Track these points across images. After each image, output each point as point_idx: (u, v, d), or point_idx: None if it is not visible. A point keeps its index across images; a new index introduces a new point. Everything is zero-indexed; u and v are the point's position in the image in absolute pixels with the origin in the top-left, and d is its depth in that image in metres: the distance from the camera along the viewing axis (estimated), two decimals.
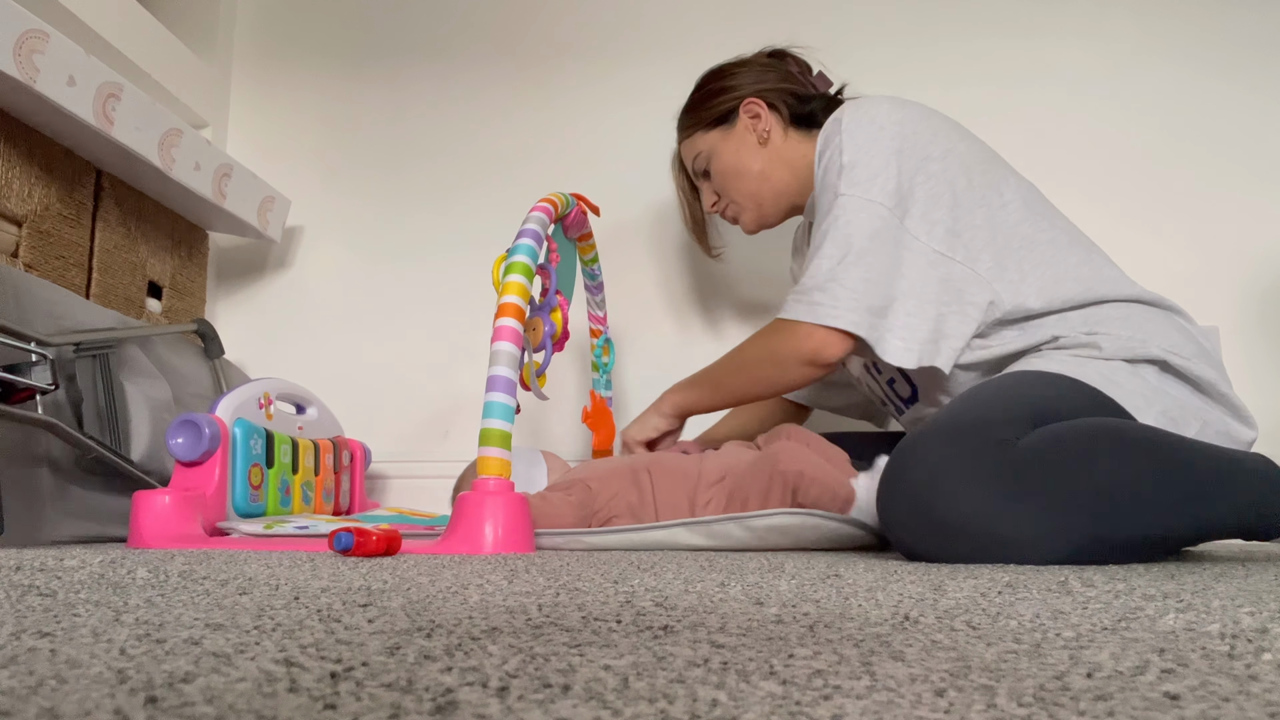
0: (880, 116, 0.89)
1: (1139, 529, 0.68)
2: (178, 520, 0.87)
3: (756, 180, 1.04)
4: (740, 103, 1.04)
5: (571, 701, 0.21)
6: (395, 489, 1.49)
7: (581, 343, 1.39)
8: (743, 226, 1.10)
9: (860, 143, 0.88)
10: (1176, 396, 0.81)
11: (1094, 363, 0.81)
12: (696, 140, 1.08)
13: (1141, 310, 0.86)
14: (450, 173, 1.57)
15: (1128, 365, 0.81)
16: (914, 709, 0.21)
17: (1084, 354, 0.82)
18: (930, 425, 0.75)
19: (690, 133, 1.08)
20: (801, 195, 1.05)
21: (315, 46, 1.65)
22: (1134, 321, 0.84)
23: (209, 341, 1.26)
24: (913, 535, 0.71)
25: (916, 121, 0.90)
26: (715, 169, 1.06)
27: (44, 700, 0.21)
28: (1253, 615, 0.36)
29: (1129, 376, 0.80)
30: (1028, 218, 0.89)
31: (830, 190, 0.88)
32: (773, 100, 1.04)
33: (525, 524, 0.79)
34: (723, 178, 1.06)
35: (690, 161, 1.10)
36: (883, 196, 0.86)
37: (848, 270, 0.85)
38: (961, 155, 0.89)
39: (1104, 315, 0.85)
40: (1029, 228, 0.89)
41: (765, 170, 1.04)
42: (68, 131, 1.06)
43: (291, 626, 0.32)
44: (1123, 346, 0.81)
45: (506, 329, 0.83)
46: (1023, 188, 0.92)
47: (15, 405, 0.84)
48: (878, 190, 0.86)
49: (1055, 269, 0.87)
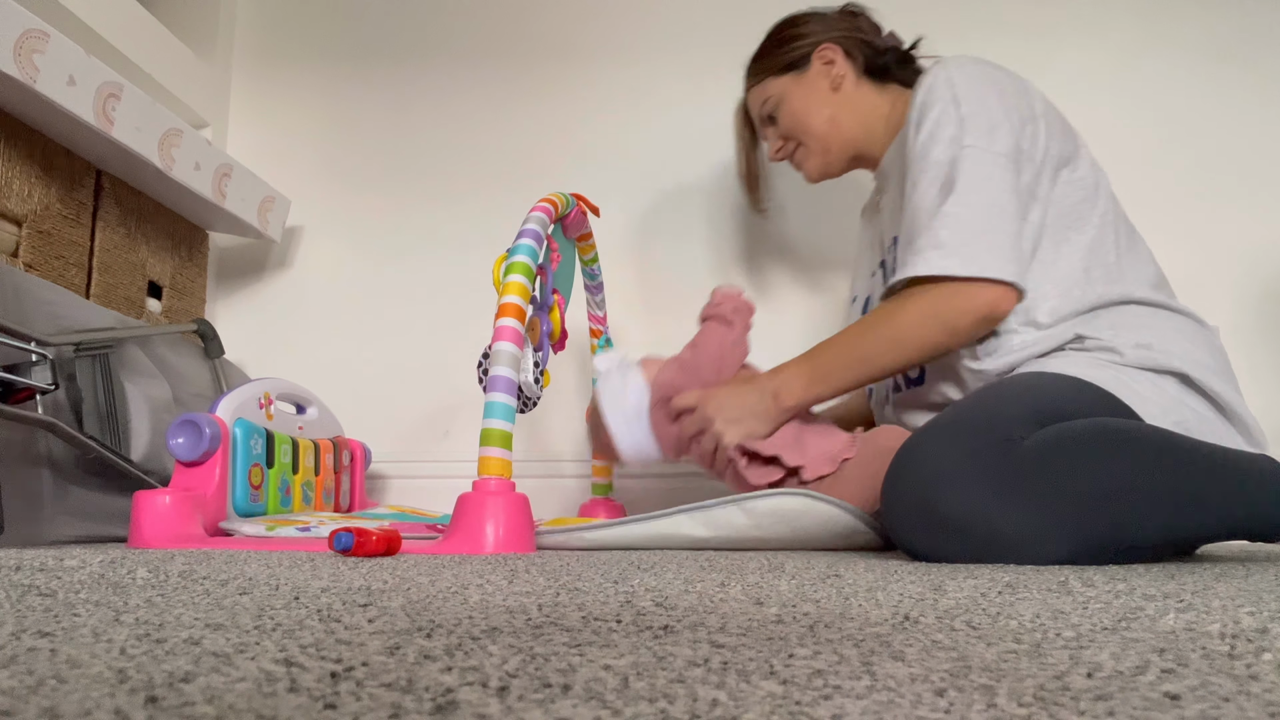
0: (988, 73, 0.89)
1: (1142, 530, 0.68)
2: (178, 520, 0.87)
3: (826, 125, 1.03)
4: (814, 48, 1.03)
5: (571, 701, 0.21)
6: (395, 489, 1.49)
7: (581, 343, 1.39)
8: (807, 174, 1.08)
9: (975, 96, 0.86)
10: (1196, 410, 0.80)
11: (1113, 368, 0.81)
12: (767, 85, 1.06)
13: (1171, 319, 0.85)
14: (450, 172, 1.57)
15: (1150, 374, 0.80)
16: (914, 709, 0.21)
17: (1104, 358, 0.82)
18: (935, 422, 0.75)
19: (761, 78, 1.06)
20: (868, 146, 1.04)
21: (315, 46, 1.65)
22: (1162, 330, 0.83)
23: (209, 341, 1.26)
24: (914, 532, 0.71)
25: (1015, 81, 0.90)
26: (784, 113, 1.05)
27: (44, 700, 0.21)
28: (1253, 615, 0.36)
29: (1149, 386, 0.79)
30: (1087, 198, 0.89)
31: (948, 142, 0.86)
32: (848, 48, 1.03)
33: (526, 524, 0.79)
34: (792, 121, 1.04)
35: (758, 108, 1.08)
36: (1005, 149, 0.84)
37: (994, 222, 0.82)
38: (1049, 123, 0.89)
39: (1133, 320, 0.84)
40: (1087, 207, 0.88)
41: (835, 116, 1.03)
42: (68, 131, 1.06)
43: (291, 626, 0.32)
44: (1146, 356, 0.81)
45: (507, 329, 0.83)
46: (1094, 167, 0.91)
47: (15, 405, 0.84)
48: (1001, 144, 0.84)
49: (1094, 256, 0.87)
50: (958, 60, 0.90)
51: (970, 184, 0.83)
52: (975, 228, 0.82)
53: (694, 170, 1.48)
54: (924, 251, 0.83)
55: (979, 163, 0.83)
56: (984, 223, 0.82)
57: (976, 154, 0.84)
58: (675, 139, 1.49)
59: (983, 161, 0.83)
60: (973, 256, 0.81)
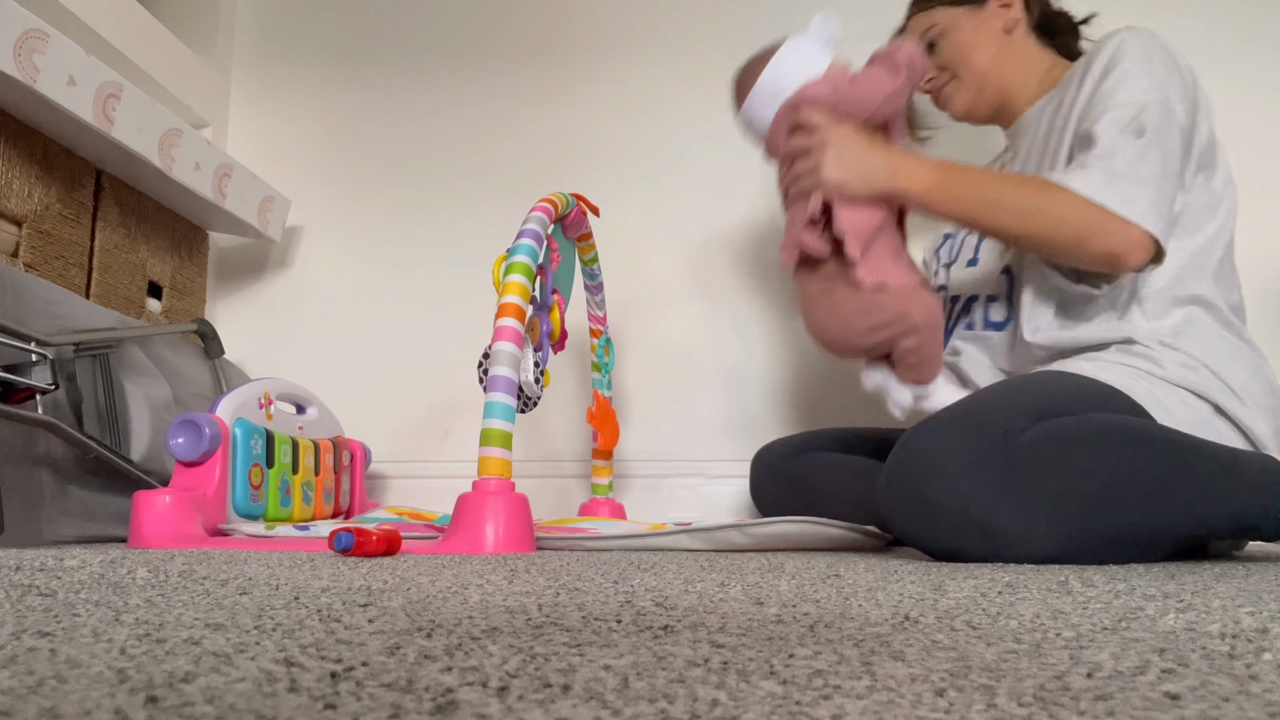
0: (1168, 50, 0.89)
1: (1138, 526, 0.68)
2: (178, 520, 0.87)
3: (989, 63, 1.03)
4: None
5: (571, 701, 0.21)
6: (395, 489, 1.49)
7: (581, 343, 1.39)
8: (952, 109, 1.07)
9: (1163, 65, 0.87)
10: (1223, 433, 0.80)
11: (1147, 379, 0.81)
12: (936, 13, 1.04)
13: (1237, 347, 0.86)
14: (450, 172, 1.56)
15: (1187, 395, 0.80)
16: (914, 709, 0.21)
17: (1143, 366, 0.82)
18: (937, 415, 0.76)
19: (930, 4, 1.05)
20: (1017, 99, 1.03)
21: (315, 46, 1.65)
22: (1220, 352, 0.83)
23: (209, 341, 1.26)
24: (904, 518, 0.71)
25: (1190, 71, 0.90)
26: (948, 42, 1.03)
27: (44, 700, 0.21)
28: (1253, 615, 0.36)
29: (1181, 404, 0.80)
30: (1211, 206, 0.89)
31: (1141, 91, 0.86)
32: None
33: (526, 524, 0.79)
34: (954, 52, 1.03)
35: (921, 33, 1.05)
36: (1183, 122, 0.85)
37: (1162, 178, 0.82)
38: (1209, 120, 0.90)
39: (1197, 333, 0.85)
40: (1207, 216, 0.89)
41: (998, 57, 1.03)
42: (68, 131, 1.06)
43: (291, 626, 0.32)
44: (1187, 376, 0.81)
45: (507, 329, 0.83)
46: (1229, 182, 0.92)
47: (15, 405, 0.84)
48: (1180, 115, 0.85)
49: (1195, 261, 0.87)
50: (1144, 32, 0.90)
51: (1154, 134, 0.83)
52: (1144, 174, 0.81)
53: (694, 170, 1.48)
54: (1094, 172, 0.82)
55: (1165, 120, 0.84)
56: (1155, 173, 0.82)
57: (1163, 111, 0.84)
58: (675, 139, 1.49)
59: (1169, 121, 0.84)
60: (1134, 198, 0.80)
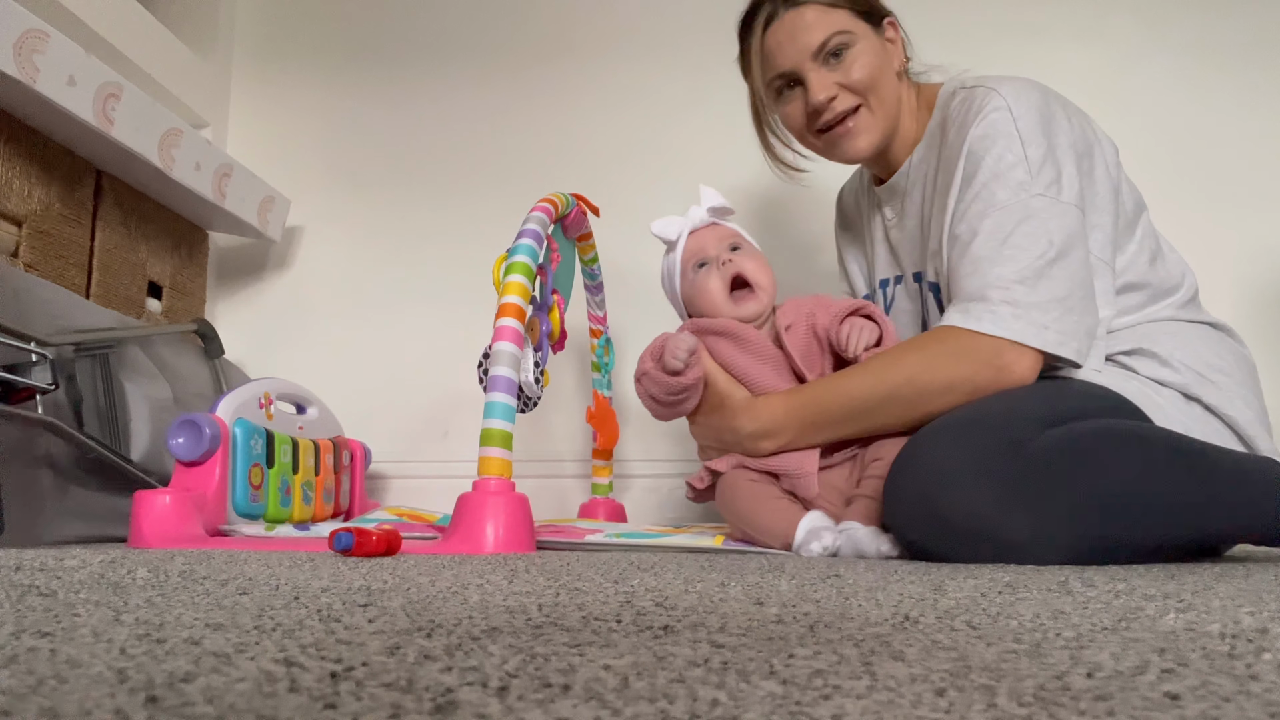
0: (1048, 104, 0.83)
1: (1148, 533, 0.68)
2: (178, 520, 0.87)
3: (895, 98, 0.91)
4: (888, 15, 0.93)
5: (571, 701, 0.21)
6: (395, 489, 1.48)
7: (581, 343, 1.39)
8: (857, 146, 0.90)
9: (1036, 133, 0.80)
10: (1219, 432, 0.80)
11: (1138, 380, 0.81)
12: (840, 16, 0.88)
13: (1213, 337, 0.85)
14: (450, 172, 1.56)
15: (1183, 399, 0.80)
16: (914, 709, 0.21)
17: (1144, 371, 0.82)
18: (942, 421, 0.74)
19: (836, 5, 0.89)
20: (898, 150, 0.94)
21: (315, 46, 1.65)
22: (1198, 349, 0.83)
23: (209, 341, 1.26)
24: (912, 529, 0.70)
25: (1070, 110, 0.84)
26: (858, 62, 0.88)
27: (44, 700, 0.21)
28: (1253, 615, 0.36)
29: (1174, 406, 0.80)
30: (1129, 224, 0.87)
31: (1009, 182, 0.79)
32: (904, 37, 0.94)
33: (526, 524, 0.79)
34: (867, 74, 0.88)
35: (822, 34, 0.87)
36: (1072, 198, 0.79)
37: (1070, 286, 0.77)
38: (1103, 149, 0.86)
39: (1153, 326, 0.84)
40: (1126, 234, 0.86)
41: (898, 91, 0.92)
42: (68, 131, 1.06)
43: (291, 626, 0.32)
44: (1185, 379, 0.81)
45: (507, 329, 0.83)
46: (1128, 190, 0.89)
47: (15, 405, 0.84)
48: (1067, 192, 0.79)
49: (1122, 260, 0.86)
50: (1016, 85, 0.83)
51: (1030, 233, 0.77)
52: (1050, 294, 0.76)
53: (694, 169, 1.48)
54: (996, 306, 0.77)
55: (1042, 212, 0.78)
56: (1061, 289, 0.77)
57: (1041, 203, 0.78)
58: (675, 138, 1.49)
59: (1048, 212, 0.78)
60: (1045, 325, 0.76)
